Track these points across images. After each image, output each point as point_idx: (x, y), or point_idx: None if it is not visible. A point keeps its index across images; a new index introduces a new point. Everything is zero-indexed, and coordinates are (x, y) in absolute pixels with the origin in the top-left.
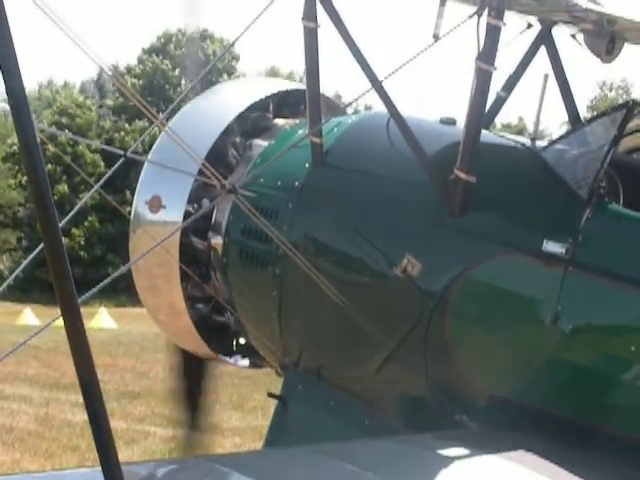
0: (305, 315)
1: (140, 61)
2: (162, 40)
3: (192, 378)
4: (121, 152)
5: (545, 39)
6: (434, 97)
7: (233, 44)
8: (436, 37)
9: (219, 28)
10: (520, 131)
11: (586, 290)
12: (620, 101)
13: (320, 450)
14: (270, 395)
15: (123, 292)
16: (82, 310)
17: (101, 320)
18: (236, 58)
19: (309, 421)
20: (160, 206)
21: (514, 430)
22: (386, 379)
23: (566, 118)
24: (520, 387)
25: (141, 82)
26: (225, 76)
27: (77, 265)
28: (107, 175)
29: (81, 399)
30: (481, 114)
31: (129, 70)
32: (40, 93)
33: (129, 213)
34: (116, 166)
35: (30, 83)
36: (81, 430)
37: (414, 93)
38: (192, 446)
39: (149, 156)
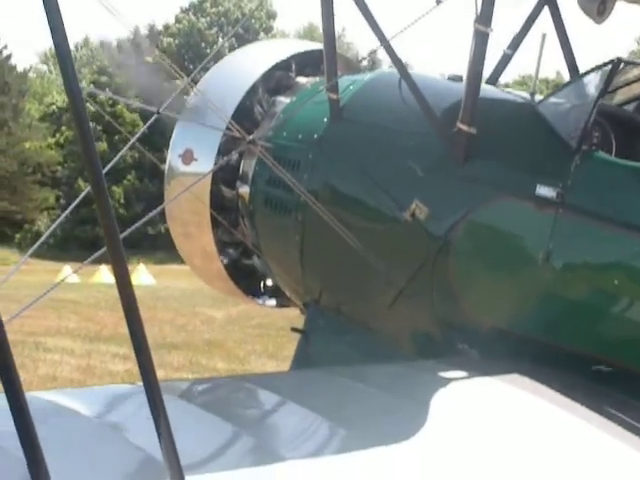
0: (325, 257)
1: (177, 20)
2: None
3: None
4: (154, 109)
5: (548, 0)
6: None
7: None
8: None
9: None
10: (558, 84)
11: (574, 230)
12: None
13: (335, 372)
14: (294, 330)
15: (161, 249)
16: None
17: (139, 277)
18: (273, 17)
19: (328, 352)
20: (192, 158)
21: (512, 358)
22: (397, 314)
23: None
24: (517, 319)
25: (177, 41)
26: (262, 34)
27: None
28: (142, 129)
29: (122, 351)
30: (480, 72)
31: (166, 28)
32: (77, 53)
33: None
34: (150, 122)
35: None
36: (122, 379)
37: (422, 52)
38: None
39: (182, 113)
